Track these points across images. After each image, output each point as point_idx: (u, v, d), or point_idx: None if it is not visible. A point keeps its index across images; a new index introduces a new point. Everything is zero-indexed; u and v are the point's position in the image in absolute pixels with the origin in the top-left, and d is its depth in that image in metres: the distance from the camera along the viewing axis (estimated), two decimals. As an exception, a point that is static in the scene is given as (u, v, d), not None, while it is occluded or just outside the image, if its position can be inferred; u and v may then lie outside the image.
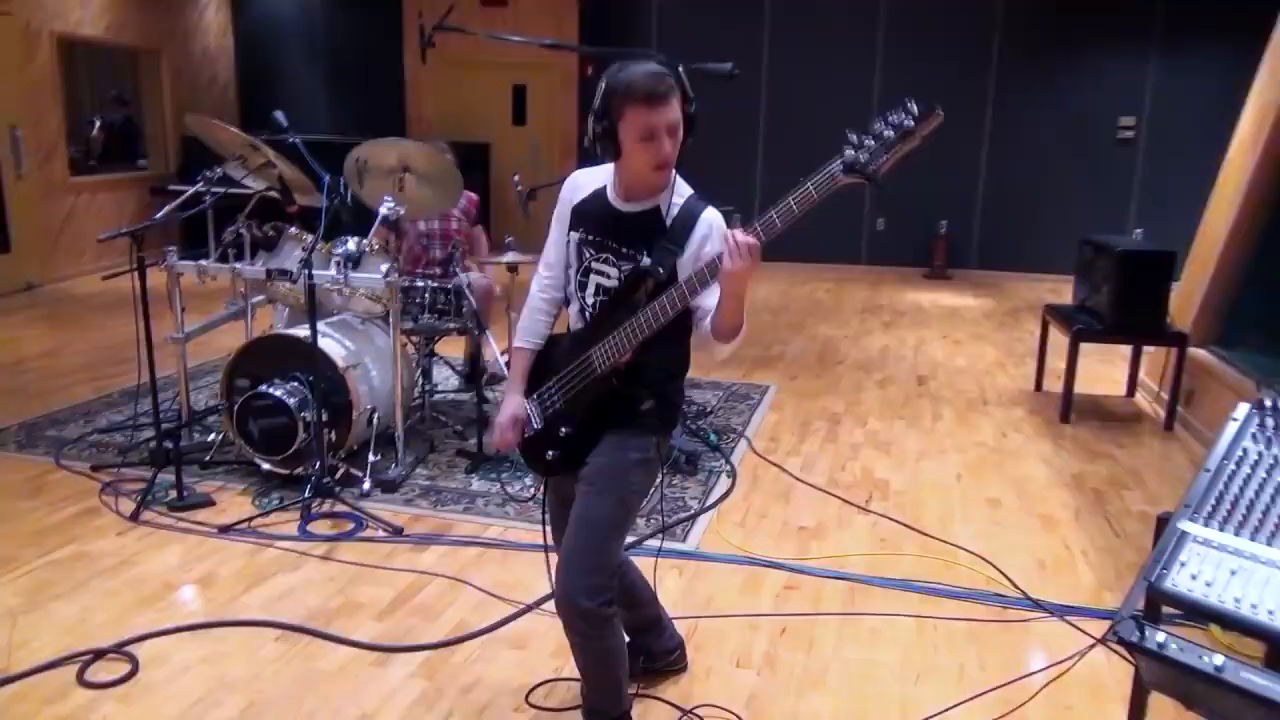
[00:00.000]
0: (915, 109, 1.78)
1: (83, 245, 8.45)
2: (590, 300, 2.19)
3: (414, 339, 4.61)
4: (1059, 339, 5.50)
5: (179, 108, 9.96)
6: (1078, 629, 2.97)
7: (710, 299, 2.00)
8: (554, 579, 2.14)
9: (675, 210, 2.11)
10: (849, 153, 1.81)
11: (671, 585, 3.16)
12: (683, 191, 2.14)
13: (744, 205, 10.60)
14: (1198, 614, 1.75)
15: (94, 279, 3.75)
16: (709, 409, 5.07)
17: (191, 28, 10.25)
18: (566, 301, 2.29)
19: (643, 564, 2.64)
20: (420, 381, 4.61)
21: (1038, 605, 3.11)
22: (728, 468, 4.23)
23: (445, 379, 5.35)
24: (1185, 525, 1.81)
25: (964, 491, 4.10)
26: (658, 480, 2.27)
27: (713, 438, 4.49)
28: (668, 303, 2.00)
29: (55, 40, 8.23)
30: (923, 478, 4.24)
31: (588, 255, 2.19)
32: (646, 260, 2.08)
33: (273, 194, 4.14)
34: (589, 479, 2.16)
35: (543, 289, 2.33)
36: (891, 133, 1.79)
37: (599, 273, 2.17)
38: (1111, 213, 9.71)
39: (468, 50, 10.40)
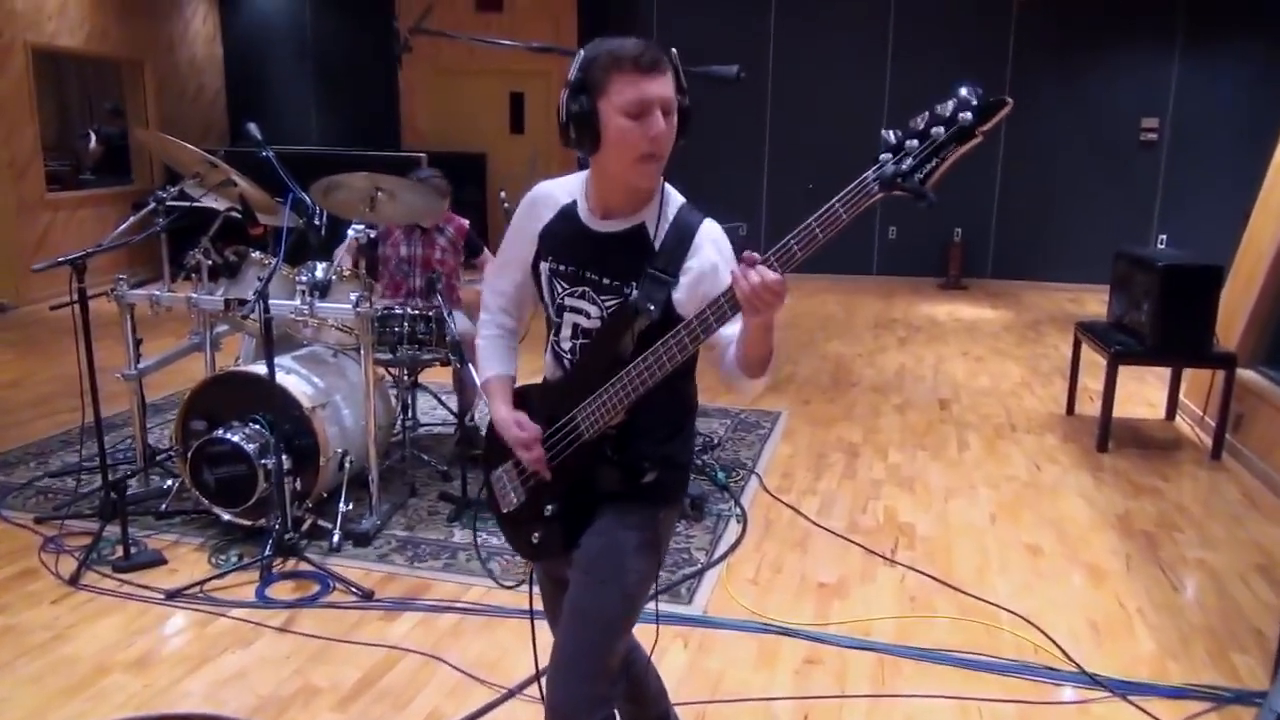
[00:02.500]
0: (976, 99, 1.36)
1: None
2: (567, 346, 1.79)
3: (393, 371, 4.23)
4: (1089, 355, 5.11)
5: (165, 120, 9.62)
6: (1144, 711, 2.58)
7: (729, 328, 1.59)
8: (545, 687, 1.76)
9: (666, 227, 1.69)
10: (886, 159, 1.40)
11: (675, 661, 2.77)
12: (673, 203, 1.72)
13: (749, 216, 10.25)
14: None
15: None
16: (716, 441, 4.68)
17: (177, 37, 9.91)
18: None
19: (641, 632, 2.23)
20: (401, 417, 4.23)
21: (1095, 681, 2.71)
22: (737, 511, 3.84)
23: (431, 409, 4.97)
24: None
25: (999, 536, 3.70)
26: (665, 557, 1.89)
27: (720, 476, 4.11)
28: (667, 352, 1.58)
29: (29, 51, 7.88)
30: (952, 520, 3.85)
31: (560, 290, 1.78)
32: (635, 294, 1.66)
33: (235, 214, 3.77)
34: (584, 566, 1.76)
35: (491, 328, 1.93)
36: (943, 130, 1.37)
37: (575, 310, 1.76)
38: (1133, 219, 9.31)
39: (462, 57, 10.08)
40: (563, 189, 1.81)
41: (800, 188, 9.44)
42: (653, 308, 1.64)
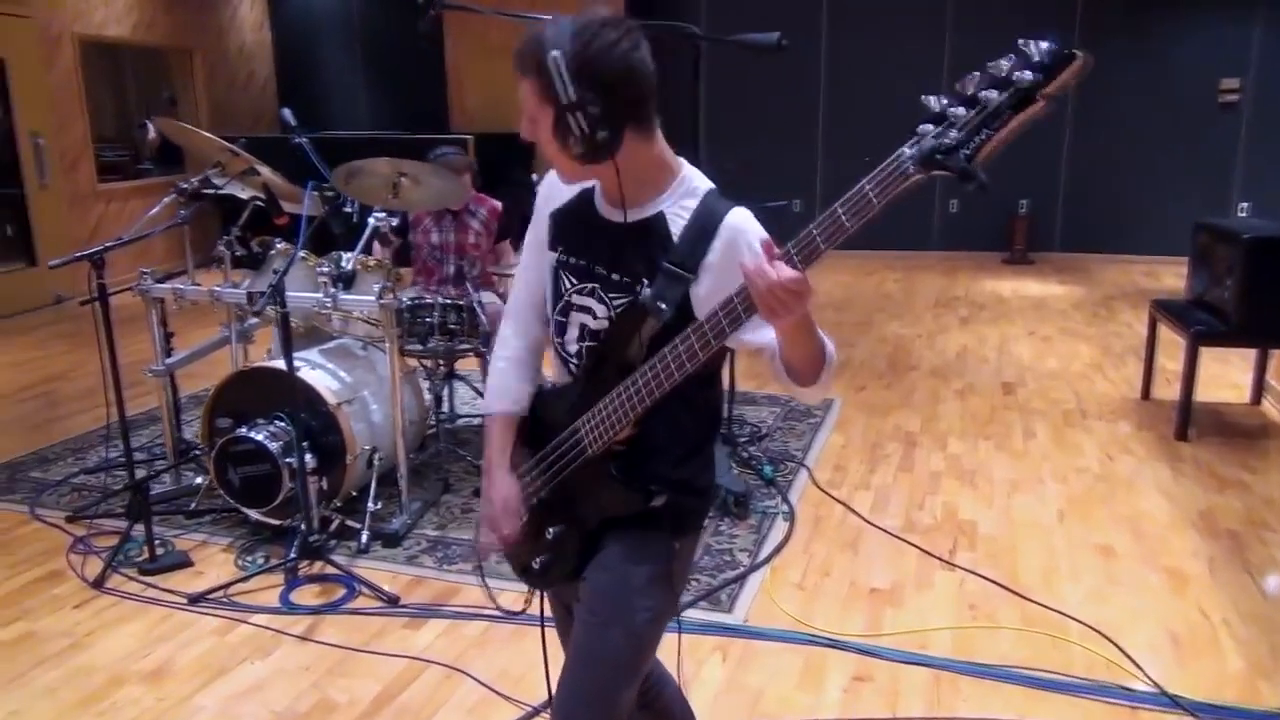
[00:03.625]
0: (1039, 54, 1.10)
1: (114, 255, 8.15)
2: (572, 349, 1.60)
3: (425, 362, 4.09)
4: (1166, 334, 4.78)
5: (215, 108, 9.66)
6: (1233, 739, 2.32)
7: (766, 331, 1.38)
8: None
9: (686, 217, 1.48)
10: (926, 131, 1.15)
11: (712, 676, 2.59)
12: (696, 190, 1.50)
13: (803, 192, 9.94)
14: None
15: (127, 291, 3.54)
16: (764, 431, 4.46)
17: (225, 24, 9.91)
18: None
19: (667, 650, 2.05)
20: (434, 410, 4.09)
21: (1176, 704, 2.46)
22: (785, 508, 3.63)
23: (470, 401, 4.83)
24: None
25: (1068, 535, 3.43)
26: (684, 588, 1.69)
27: (767, 470, 3.89)
28: (675, 359, 1.38)
29: (77, 43, 7.91)
30: (1016, 517, 3.59)
31: (567, 285, 1.59)
32: (646, 291, 1.46)
33: (260, 203, 3.66)
34: (588, 603, 1.58)
35: (510, 346, 1.71)
36: (996, 93, 1.12)
37: (582, 309, 1.57)
38: (1212, 186, 8.80)
39: (509, 36, 9.89)
40: None
41: (858, 160, 9.12)
42: (664, 306, 1.44)
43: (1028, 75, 1.11)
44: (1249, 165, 8.72)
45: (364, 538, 3.32)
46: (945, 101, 1.16)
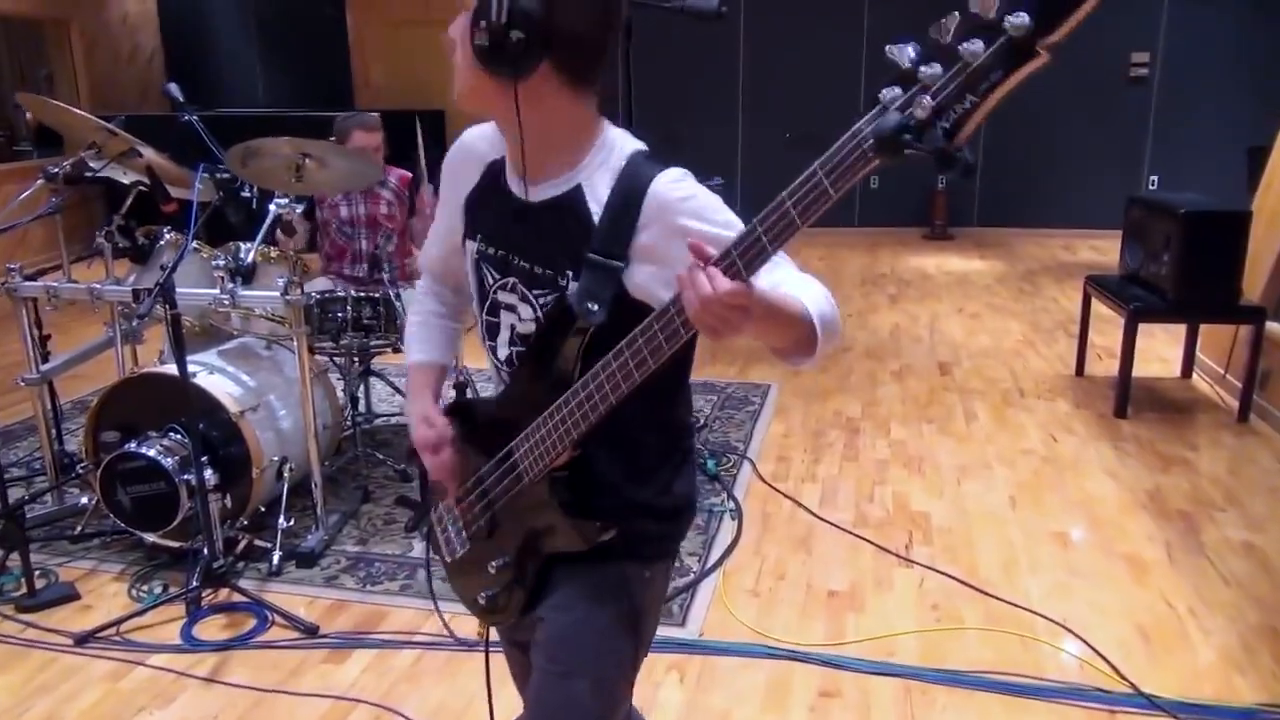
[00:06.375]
0: None
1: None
2: (504, 354, 1.36)
3: (337, 359, 3.77)
4: (1096, 308, 4.75)
5: (96, 85, 8.97)
6: (1216, 742, 2.22)
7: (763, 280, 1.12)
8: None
9: (608, 190, 1.21)
10: (893, 99, 0.88)
11: (670, 699, 2.38)
12: (619, 154, 1.23)
13: (724, 168, 9.76)
14: None
15: None
16: (702, 421, 4.27)
17: (105, -7, 9.21)
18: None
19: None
20: (349, 411, 3.78)
21: (1154, 705, 2.35)
22: (731, 505, 3.44)
23: (389, 398, 4.51)
24: None
25: (1023, 524, 3.32)
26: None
27: (710, 465, 3.70)
28: (609, 377, 1.14)
29: (-65, 12, 7.22)
30: (969, 506, 3.47)
31: (490, 280, 1.35)
32: (572, 287, 1.22)
33: (144, 189, 3.28)
34: (546, 650, 1.35)
35: (424, 304, 1.55)
36: (982, 46, 0.83)
37: (508, 308, 1.33)
38: (1124, 159, 8.92)
39: (415, 7, 9.45)
40: (491, 139, 1.35)
41: (778, 134, 8.98)
42: (594, 308, 1.18)
43: (1023, 19, 0.81)
44: (1158, 138, 8.87)
45: (275, 558, 3.00)
46: (914, 55, 0.88)
